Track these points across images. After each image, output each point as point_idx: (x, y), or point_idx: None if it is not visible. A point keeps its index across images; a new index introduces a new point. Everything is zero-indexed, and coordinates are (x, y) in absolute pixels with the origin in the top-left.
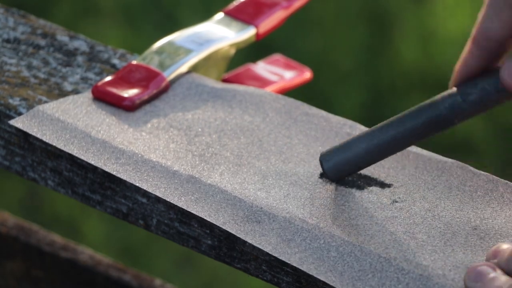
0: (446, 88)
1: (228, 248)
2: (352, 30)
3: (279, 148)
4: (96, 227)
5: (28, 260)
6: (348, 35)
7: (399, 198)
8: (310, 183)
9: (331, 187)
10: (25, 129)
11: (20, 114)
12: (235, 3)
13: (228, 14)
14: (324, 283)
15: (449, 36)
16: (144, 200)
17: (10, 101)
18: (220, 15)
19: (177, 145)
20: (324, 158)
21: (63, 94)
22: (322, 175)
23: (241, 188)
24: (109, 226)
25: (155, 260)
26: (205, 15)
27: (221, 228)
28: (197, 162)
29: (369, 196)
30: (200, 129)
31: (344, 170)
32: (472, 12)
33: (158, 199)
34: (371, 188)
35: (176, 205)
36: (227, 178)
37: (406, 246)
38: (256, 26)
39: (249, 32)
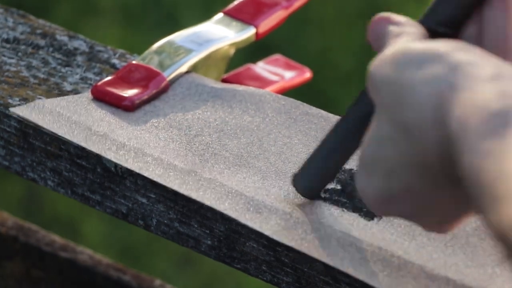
0: None
1: (228, 248)
2: (352, 30)
3: (279, 148)
4: (96, 227)
5: (28, 260)
6: (348, 35)
7: None
8: None
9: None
10: (26, 116)
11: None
12: (235, 3)
13: (227, 14)
14: (324, 282)
15: None
16: (144, 200)
17: (10, 101)
18: (219, 15)
19: (176, 145)
20: (296, 182)
21: (62, 94)
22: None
23: (241, 184)
24: (109, 226)
25: (155, 260)
26: (205, 15)
27: (220, 228)
28: (197, 162)
29: None
30: (200, 129)
31: (315, 187)
32: None
33: (158, 199)
34: None
35: (176, 206)
36: (226, 177)
37: (407, 245)
38: (256, 26)
39: (249, 32)
